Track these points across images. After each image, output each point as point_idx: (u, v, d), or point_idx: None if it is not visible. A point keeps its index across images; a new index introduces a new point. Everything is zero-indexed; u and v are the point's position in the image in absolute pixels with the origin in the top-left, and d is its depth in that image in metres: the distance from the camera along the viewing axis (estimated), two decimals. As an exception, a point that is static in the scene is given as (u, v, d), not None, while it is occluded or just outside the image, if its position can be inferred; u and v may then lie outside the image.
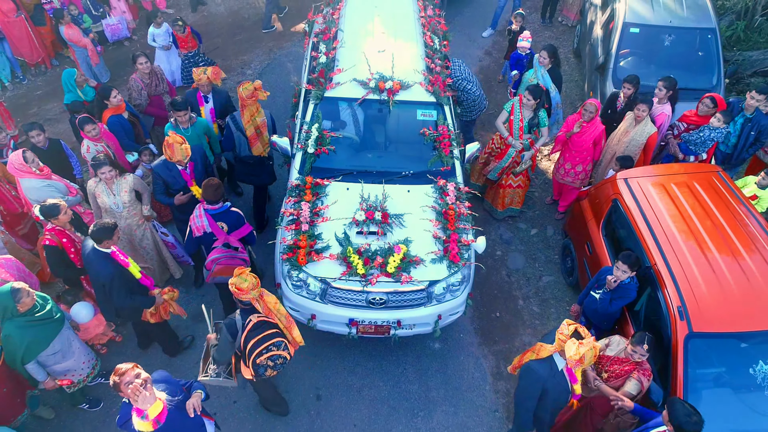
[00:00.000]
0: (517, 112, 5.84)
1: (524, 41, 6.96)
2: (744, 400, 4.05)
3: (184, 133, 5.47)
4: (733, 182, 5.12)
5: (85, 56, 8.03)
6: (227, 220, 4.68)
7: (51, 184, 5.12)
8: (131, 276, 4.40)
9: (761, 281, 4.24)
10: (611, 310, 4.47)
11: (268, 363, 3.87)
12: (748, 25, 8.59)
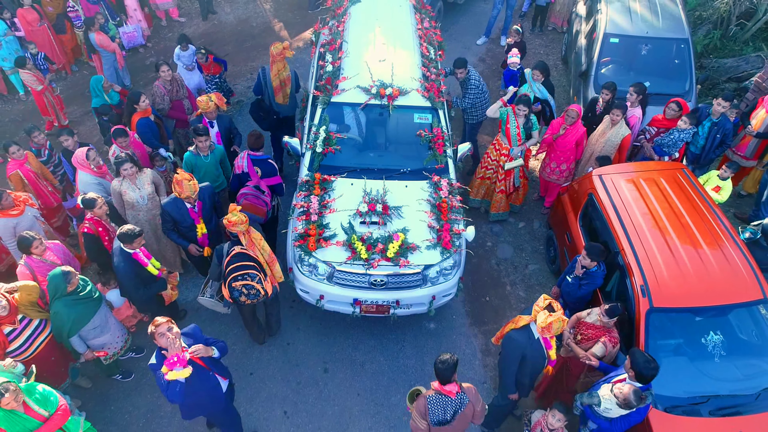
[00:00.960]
0: (512, 121, 6.42)
1: (514, 57, 7.42)
2: (697, 365, 4.66)
3: (204, 160, 5.84)
4: (695, 177, 5.74)
5: (112, 61, 8.62)
6: (263, 167, 5.73)
7: (101, 182, 5.71)
8: (148, 273, 4.97)
9: (714, 264, 4.84)
10: (580, 293, 5.08)
11: (242, 290, 4.70)
12: (724, 34, 9.20)
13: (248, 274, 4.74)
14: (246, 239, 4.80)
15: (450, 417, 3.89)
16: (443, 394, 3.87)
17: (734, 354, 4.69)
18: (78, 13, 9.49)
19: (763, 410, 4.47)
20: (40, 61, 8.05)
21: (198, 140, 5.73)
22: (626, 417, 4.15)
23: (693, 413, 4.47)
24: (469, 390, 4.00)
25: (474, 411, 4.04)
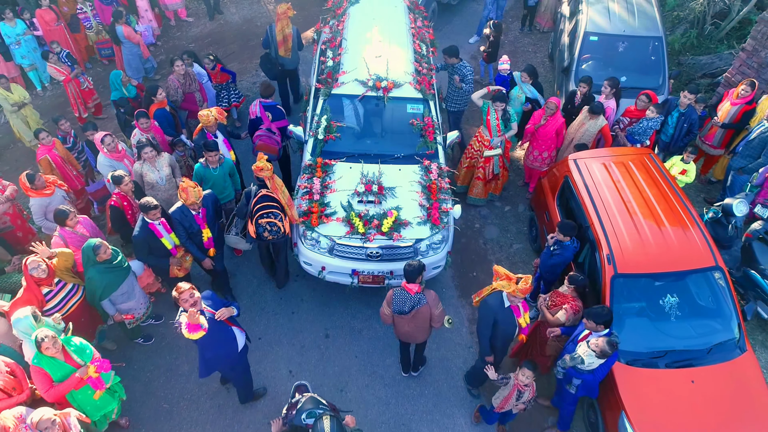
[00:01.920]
0: (492, 115, 7.01)
1: (504, 65, 7.94)
2: (656, 324, 5.26)
3: (213, 172, 6.12)
4: (660, 161, 6.33)
5: (136, 51, 9.25)
6: (273, 112, 6.88)
7: (113, 164, 6.30)
8: (161, 245, 5.56)
9: (672, 236, 5.44)
10: (551, 262, 5.69)
11: (266, 227, 5.48)
12: (700, 33, 9.80)
13: (272, 212, 5.62)
14: (270, 184, 5.65)
15: (407, 309, 4.88)
16: (405, 290, 4.78)
17: (689, 314, 5.29)
18: (87, 15, 10.10)
19: (712, 362, 5.07)
20: (63, 57, 8.63)
21: (208, 155, 6.00)
22: (604, 364, 4.73)
23: (651, 365, 5.08)
24: (429, 293, 4.89)
25: (431, 313, 4.88)
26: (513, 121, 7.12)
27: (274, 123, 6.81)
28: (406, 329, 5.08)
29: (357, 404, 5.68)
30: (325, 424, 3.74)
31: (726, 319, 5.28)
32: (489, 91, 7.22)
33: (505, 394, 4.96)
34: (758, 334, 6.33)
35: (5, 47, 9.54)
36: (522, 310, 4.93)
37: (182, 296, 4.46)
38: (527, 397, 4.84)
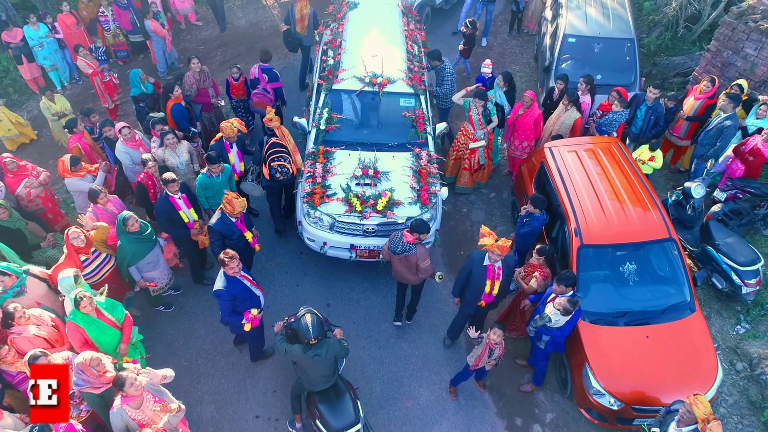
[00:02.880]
0: (474, 111, 7.69)
1: (486, 68, 8.57)
2: (617, 289, 5.99)
3: (216, 180, 6.52)
4: (626, 149, 7.07)
5: (162, 44, 10.05)
6: (269, 74, 8.15)
7: (128, 151, 7.02)
8: (179, 217, 6.29)
9: (632, 212, 6.18)
10: (522, 231, 6.46)
11: (278, 168, 6.45)
12: (674, 36, 10.56)
13: (281, 156, 6.71)
14: (279, 133, 6.85)
15: (398, 251, 5.82)
16: (402, 236, 5.80)
17: (646, 280, 6.03)
18: (107, 18, 10.86)
19: (665, 321, 5.80)
20: (100, 54, 9.39)
21: (211, 167, 6.42)
22: (569, 321, 5.45)
23: (612, 324, 5.81)
24: (420, 248, 5.74)
25: (417, 263, 5.72)
26: (492, 114, 7.83)
27: (269, 84, 8.16)
28: (398, 269, 5.97)
29: (355, 363, 6.41)
30: (306, 319, 4.77)
31: (678, 284, 6.01)
32: (467, 92, 7.90)
33: (478, 352, 5.66)
34: (714, 303, 7.06)
35: (29, 49, 10.29)
36: (495, 274, 5.64)
37: (230, 263, 5.20)
38: (497, 354, 5.55)
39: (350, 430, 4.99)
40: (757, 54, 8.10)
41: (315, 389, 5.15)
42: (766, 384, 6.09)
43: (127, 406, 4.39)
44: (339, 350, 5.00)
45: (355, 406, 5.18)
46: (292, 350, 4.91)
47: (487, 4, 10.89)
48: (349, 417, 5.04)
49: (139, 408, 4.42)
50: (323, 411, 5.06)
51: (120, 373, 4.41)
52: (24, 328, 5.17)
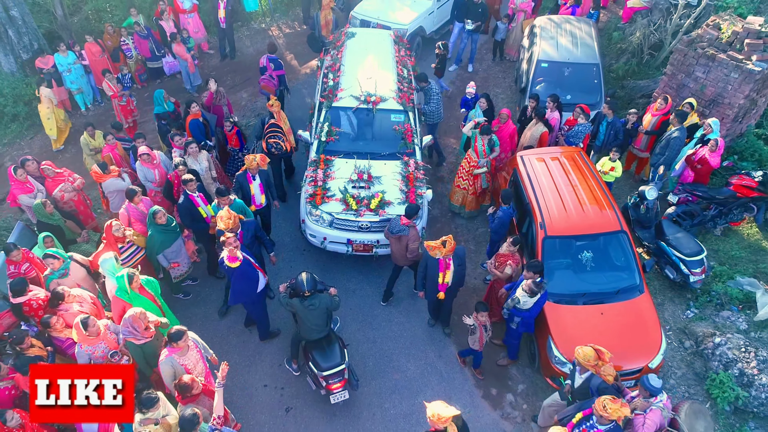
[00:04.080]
0: (480, 143, 8.46)
1: (470, 89, 9.58)
2: (576, 274, 6.95)
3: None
4: (587, 157, 8.12)
5: (185, 66, 11.27)
6: (274, 63, 9.92)
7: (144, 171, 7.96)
8: (198, 213, 7.27)
9: (590, 209, 7.17)
10: (492, 226, 7.46)
11: (273, 145, 8.26)
12: (639, 62, 11.73)
13: (277, 135, 8.25)
14: (277, 116, 8.39)
15: (395, 231, 6.94)
16: (399, 219, 6.93)
17: (601, 266, 6.99)
18: (129, 46, 12.05)
19: (618, 300, 6.74)
20: (126, 80, 10.51)
21: (220, 200, 6.97)
22: (536, 303, 6.37)
23: (572, 303, 6.75)
24: (413, 229, 6.84)
25: (408, 243, 6.76)
26: (496, 145, 8.68)
27: (274, 72, 9.98)
28: (393, 248, 7.14)
29: (351, 342, 7.29)
30: (302, 276, 5.89)
31: (629, 270, 6.96)
32: (475, 124, 8.85)
33: (477, 335, 6.58)
34: (668, 292, 8.01)
35: (59, 74, 11.43)
36: (446, 265, 6.53)
37: (229, 239, 6.17)
38: (489, 325, 6.51)
39: (336, 369, 6.12)
40: (706, 76, 9.20)
41: (310, 338, 6.23)
42: (708, 358, 7.00)
43: (175, 355, 5.34)
44: (330, 303, 6.12)
45: (342, 352, 6.26)
46: (291, 303, 6.04)
47: (472, 34, 12.07)
48: (335, 359, 6.16)
49: (185, 356, 5.37)
50: (315, 355, 6.18)
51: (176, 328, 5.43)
52: (69, 305, 6.13)
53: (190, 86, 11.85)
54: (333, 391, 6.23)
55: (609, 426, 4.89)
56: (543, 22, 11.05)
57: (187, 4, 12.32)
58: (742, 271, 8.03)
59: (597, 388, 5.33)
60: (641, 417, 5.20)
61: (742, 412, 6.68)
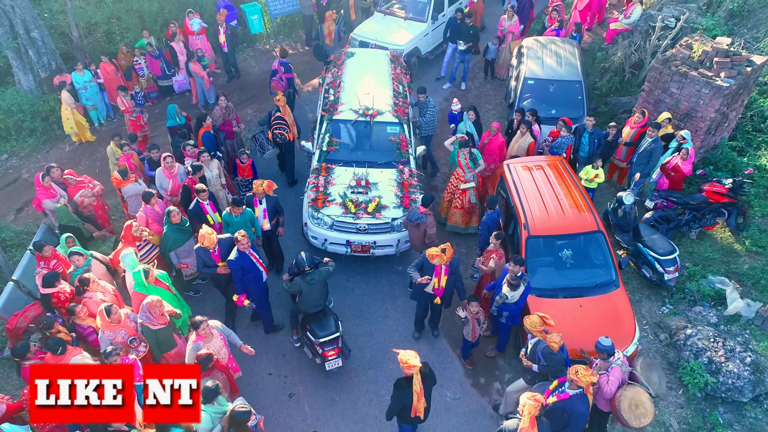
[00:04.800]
0: (462, 157, 9.05)
1: (455, 105, 10.21)
2: (557, 270, 7.54)
3: (235, 219, 7.56)
4: (569, 165, 8.76)
5: (201, 83, 11.99)
6: (285, 67, 11.01)
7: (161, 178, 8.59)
8: (206, 219, 7.89)
9: (569, 212, 7.79)
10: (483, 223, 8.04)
11: (278, 135, 9.36)
12: (621, 80, 12.48)
13: (281, 126, 9.33)
14: (282, 110, 9.40)
15: (413, 220, 7.79)
16: (417, 209, 7.77)
17: (580, 263, 7.59)
18: (142, 66, 12.80)
19: (595, 294, 7.32)
20: (139, 98, 11.20)
21: (233, 208, 7.56)
22: (522, 296, 6.94)
23: (553, 296, 7.33)
24: (430, 216, 7.64)
25: (426, 230, 7.53)
26: (479, 159, 9.35)
27: (284, 74, 11.13)
28: (412, 236, 8.05)
29: (350, 335, 7.85)
30: (302, 255, 6.62)
31: (606, 267, 7.55)
32: (457, 139, 9.52)
33: (470, 327, 7.15)
34: (645, 290, 8.59)
35: (75, 91, 12.15)
36: (441, 271, 7.05)
37: (242, 240, 6.82)
38: (483, 319, 7.08)
39: (331, 337, 6.96)
40: (680, 92, 9.91)
41: (309, 311, 6.94)
42: (680, 348, 7.55)
43: (201, 342, 5.99)
44: (326, 273, 6.87)
45: (337, 323, 7.01)
46: (295, 283, 6.76)
47: (465, 54, 12.84)
48: (331, 328, 6.96)
49: (209, 343, 5.99)
50: (313, 325, 6.94)
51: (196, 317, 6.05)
52: (93, 294, 6.71)
53: (205, 102, 12.50)
54: (328, 358, 7.02)
55: (577, 391, 5.49)
56: (530, 42, 11.83)
57: (195, 27, 13.08)
58: (715, 271, 8.62)
59: (541, 352, 6.11)
60: (605, 376, 5.86)
61: (712, 398, 7.22)
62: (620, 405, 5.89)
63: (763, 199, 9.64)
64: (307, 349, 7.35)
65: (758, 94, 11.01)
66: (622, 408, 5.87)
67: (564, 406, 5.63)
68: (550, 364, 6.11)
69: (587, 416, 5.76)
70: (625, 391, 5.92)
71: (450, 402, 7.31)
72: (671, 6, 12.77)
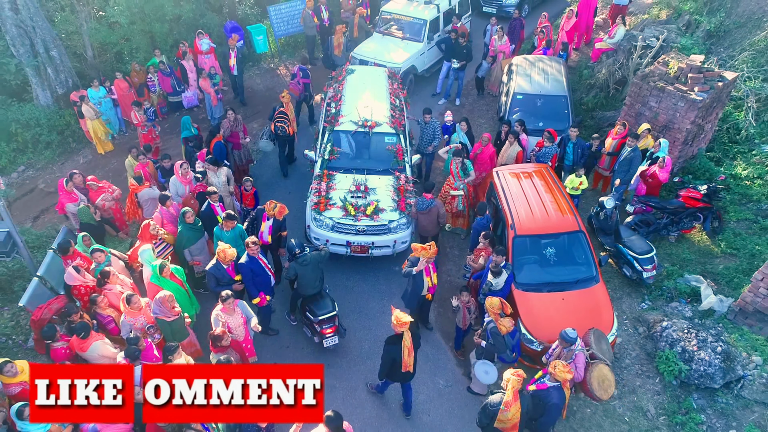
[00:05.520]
0: (454, 166, 9.80)
1: (448, 117, 11.05)
2: (542, 267, 8.14)
3: (227, 234, 7.98)
4: (553, 172, 9.42)
5: (209, 99, 12.75)
6: (303, 72, 12.16)
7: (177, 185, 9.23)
8: (216, 220, 8.52)
9: (553, 213, 8.43)
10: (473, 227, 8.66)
11: (279, 128, 10.00)
12: (606, 96, 13.22)
13: (283, 120, 10.41)
14: (285, 106, 10.64)
15: (425, 208, 8.59)
16: (424, 197, 8.62)
17: (562, 260, 8.19)
18: (154, 83, 13.56)
19: (576, 288, 7.91)
20: (150, 113, 11.93)
21: (226, 223, 7.98)
22: (506, 283, 7.56)
23: (538, 290, 7.92)
24: (438, 201, 8.45)
25: (438, 211, 8.38)
26: (470, 169, 10.06)
27: (301, 79, 12.25)
28: (423, 223, 8.85)
29: (350, 329, 8.42)
30: (291, 241, 7.37)
31: (587, 264, 8.16)
32: (451, 149, 10.21)
33: (461, 315, 7.74)
34: (626, 288, 9.17)
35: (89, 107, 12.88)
36: (431, 270, 7.71)
37: (253, 246, 7.45)
38: (474, 308, 7.67)
39: (329, 315, 7.73)
40: (658, 105, 10.62)
41: (307, 293, 7.65)
42: (657, 339, 8.11)
43: (223, 312, 6.71)
44: (318, 257, 7.63)
45: (333, 303, 7.78)
46: (291, 267, 7.61)
47: (458, 72, 13.62)
48: (328, 308, 7.72)
49: (230, 317, 6.68)
50: (311, 305, 7.67)
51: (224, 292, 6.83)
52: (113, 286, 7.32)
53: (212, 117, 13.24)
54: (326, 335, 7.75)
55: (555, 384, 6.07)
56: (519, 60, 12.61)
57: (204, 47, 13.88)
58: (691, 271, 9.21)
59: (491, 332, 6.88)
60: (572, 364, 6.41)
61: (686, 385, 7.75)
62: (591, 386, 6.49)
63: (738, 205, 10.27)
64: (306, 329, 8.07)
65: (733, 108, 11.73)
66: (594, 388, 6.46)
67: (542, 395, 6.23)
68: (495, 343, 6.87)
69: (561, 408, 6.31)
70: (591, 372, 6.59)
71: (443, 389, 7.85)
72: (652, 27, 13.58)
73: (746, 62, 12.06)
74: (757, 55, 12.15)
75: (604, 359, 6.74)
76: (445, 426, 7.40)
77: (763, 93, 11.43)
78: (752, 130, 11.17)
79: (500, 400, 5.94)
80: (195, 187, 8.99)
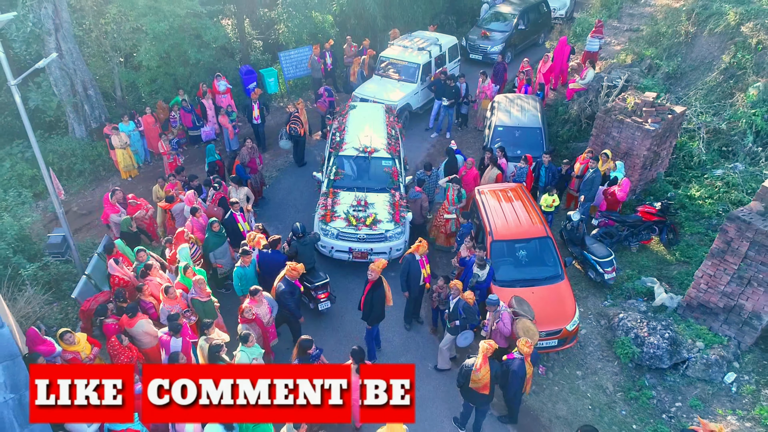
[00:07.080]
0: (451, 192, 11.45)
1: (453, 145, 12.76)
2: (516, 267, 9.56)
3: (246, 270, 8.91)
4: (528, 191, 10.95)
5: (227, 134, 14.38)
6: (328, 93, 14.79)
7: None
8: (237, 228, 10.00)
9: (525, 222, 9.91)
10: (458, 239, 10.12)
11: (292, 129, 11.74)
12: (579, 128, 14.91)
13: (296, 121, 13.03)
14: (299, 112, 13.24)
15: (411, 197, 10.80)
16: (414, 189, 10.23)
17: (533, 261, 9.61)
18: (176, 119, 15.26)
19: (544, 284, 9.31)
20: (174, 144, 13.57)
21: (244, 259, 8.87)
22: (488, 275, 8.98)
23: (512, 286, 9.31)
24: (423, 194, 10.17)
25: (422, 203, 9.94)
26: (463, 197, 11.59)
27: (327, 98, 14.63)
28: (413, 210, 10.68)
29: (351, 326, 9.75)
30: (296, 225, 8.90)
31: (554, 264, 9.58)
32: (448, 179, 11.75)
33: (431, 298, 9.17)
34: (591, 290, 10.54)
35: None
36: (424, 262, 9.15)
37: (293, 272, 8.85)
38: (443, 294, 9.04)
39: (322, 282, 9.53)
40: (619, 135, 12.24)
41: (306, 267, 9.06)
42: (614, 329, 9.44)
43: (254, 305, 8.01)
44: (313, 239, 9.42)
45: (325, 274, 9.48)
46: (293, 246, 9.27)
47: (448, 109, 15.39)
48: (321, 277, 9.52)
49: (259, 308, 8.00)
50: (308, 277, 9.23)
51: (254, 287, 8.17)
52: (153, 278, 8.72)
53: (229, 148, 14.89)
54: (320, 300, 9.48)
55: (521, 357, 7.44)
56: (500, 98, 14.36)
57: (222, 87, 15.69)
58: (648, 275, 10.61)
59: (462, 308, 8.25)
60: (500, 323, 8.04)
61: (640, 367, 9.04)
62: (518, 334, 7.97)
63: (692, 221, 11.73)
64: (305, 300, 9.60)
65: (688, 138, 13.38)
66: (520, 335, 7.87)
67: (508, 362, 7.58)
68: (467, 316, 8.27)
69: (522, 378, 7.61)
70: (516, 324, 8.16)
71: (430, 371, 9.13)
72: (618, 70, 15.44)
73: (699, 99, 13.83)
74: (709, 93, 13.92)
75: (526, 315, 8.31)
76: (433, 398, 8.66)
77: (713, 125, 13.13)
78: (704, 157, 12.77)
79: (473, 363, 7.25)
80: (216, 195, 10.53)
